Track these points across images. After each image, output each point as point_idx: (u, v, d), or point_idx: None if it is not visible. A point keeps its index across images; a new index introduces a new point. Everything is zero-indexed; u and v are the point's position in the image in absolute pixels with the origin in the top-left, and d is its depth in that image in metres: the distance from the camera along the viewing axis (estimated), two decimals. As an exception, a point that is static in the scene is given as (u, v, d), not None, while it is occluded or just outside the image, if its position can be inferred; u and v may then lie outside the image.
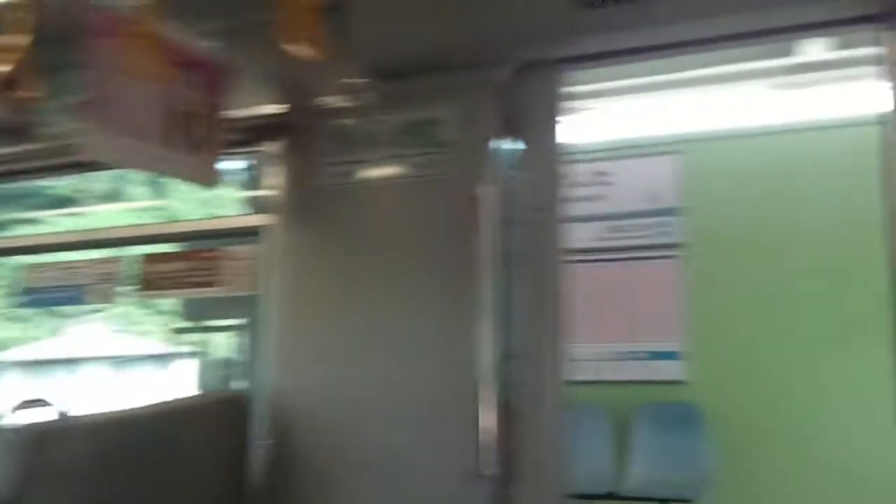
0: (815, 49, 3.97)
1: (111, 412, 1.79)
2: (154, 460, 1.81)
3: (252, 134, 2.27)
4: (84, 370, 12.49)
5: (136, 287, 2.39)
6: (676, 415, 4.31)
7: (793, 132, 4.27)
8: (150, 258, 2.40)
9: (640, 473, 4.22)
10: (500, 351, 2.06)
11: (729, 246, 4.36)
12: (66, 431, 1.67)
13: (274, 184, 2.25)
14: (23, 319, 11.46)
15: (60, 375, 12.34)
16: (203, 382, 7.87)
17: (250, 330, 4.20)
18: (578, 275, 4.74)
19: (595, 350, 4.55)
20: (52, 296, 2.56)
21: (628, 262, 4.57)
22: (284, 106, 2.24)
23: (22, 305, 2.63)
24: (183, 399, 2.22)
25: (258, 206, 2.92)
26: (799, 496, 4.10)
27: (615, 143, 4.62)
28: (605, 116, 4.40)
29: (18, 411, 3.17)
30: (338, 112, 2.12)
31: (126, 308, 11.56)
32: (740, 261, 4.33)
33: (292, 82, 2.19)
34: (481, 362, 1.92)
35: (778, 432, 4.16)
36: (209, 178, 1.93)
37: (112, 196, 9.68)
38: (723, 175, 4.40)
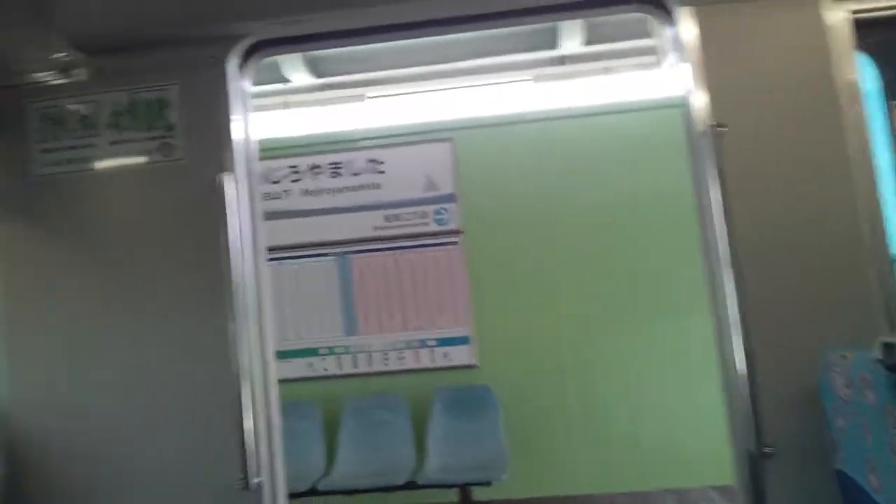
0: (573, 43, 4.24)
1: None
2: None
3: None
4: None
5: None
6: (470, 399, 4.38)
7: (558, 119, 4.49)
8: None
9: (438, 461, 4.23)
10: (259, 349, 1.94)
11: (501, 229, 4.49)
12: None
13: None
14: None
15: None
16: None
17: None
18: (358, 265, 4.59)
19: (385, 341, 4.51)
20: None
21: (410, 251, 4.54)
22: None
23: None
24: None
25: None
26: (583, 465, 4.35)
27: (387, 130, 4.58)
28: (374, 105, 4.35)
29: None
30: (48, 91, 1.86)
31: None
32: (512, 244, 4.48)
33: None
34: (241, 361, 1.80)
35: (555, 408, 4.38)
36: None
37: None
38: (492, 160, 4.53)
